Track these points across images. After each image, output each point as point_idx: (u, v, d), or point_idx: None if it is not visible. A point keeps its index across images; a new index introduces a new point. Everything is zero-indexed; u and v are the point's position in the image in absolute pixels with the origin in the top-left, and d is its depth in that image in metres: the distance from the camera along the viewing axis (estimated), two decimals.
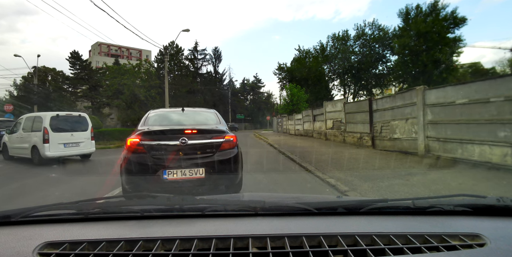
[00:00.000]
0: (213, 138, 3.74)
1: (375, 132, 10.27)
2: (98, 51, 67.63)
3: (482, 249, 0.77)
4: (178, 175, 3.53)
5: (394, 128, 9.01)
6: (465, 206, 1.03)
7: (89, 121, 9.46)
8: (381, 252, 0.77)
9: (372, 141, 10.34)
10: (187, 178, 3.54)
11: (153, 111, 4.85)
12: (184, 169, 3.54)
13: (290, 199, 1.24)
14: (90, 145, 9.33)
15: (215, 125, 4.18)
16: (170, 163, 3.54)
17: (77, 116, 9.33)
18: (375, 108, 10.33)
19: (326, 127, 15.57)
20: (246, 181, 4.91)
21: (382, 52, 36.29)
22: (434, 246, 0.80)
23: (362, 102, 11.90)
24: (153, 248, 0.80)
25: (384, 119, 9.71)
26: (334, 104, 15.00)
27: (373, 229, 0.90)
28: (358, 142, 11.48)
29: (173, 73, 44.87)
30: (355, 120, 11.92)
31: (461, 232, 0.86)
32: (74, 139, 8.83)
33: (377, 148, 9.95)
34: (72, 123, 9.01)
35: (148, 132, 3.72)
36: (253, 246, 0.81)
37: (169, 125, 4.23)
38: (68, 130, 8.77)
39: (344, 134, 12.94)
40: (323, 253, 0.77)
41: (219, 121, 4.49)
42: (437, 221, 0.98)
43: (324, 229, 0.90)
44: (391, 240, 0.83)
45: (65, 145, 8.61)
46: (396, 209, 1.05)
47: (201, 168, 3.58)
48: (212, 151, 3.71)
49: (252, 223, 0.98)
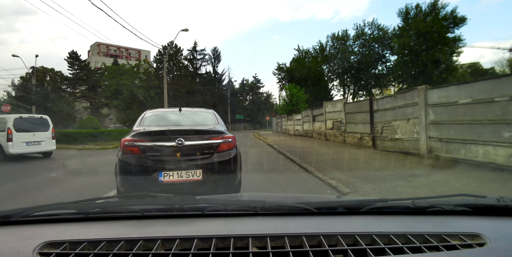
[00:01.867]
0: (211, 139, 3.64)
1: (375, 133, 10.16)
2: (97, 51, 67.42)
3: (482, 248, 0.77)
4: (174, 177, 3.42)
5: (396, 128, 8.92)
6: (465, 206, 1.03)
7: (50, 122, 10.62)
8: (381, 252, 0.77)
9: (373, 142, 10.26)
10: (184, 180, 3.44)
11: (149, 111, 4.75)
12: (180, 171, 3.44)
13: (290, 199, 1.24)
14: (50, 144, 10.50)
15: (213, 126, 4.09)
16: (166, 164, 3.44)
17: (39, 118, 10.50)
18: (375, 108, 10.23)
19: (326, 128, 15.46)
20: (245, 182, 4.90)
21: (382, 52, 36.24)
22: (434, 246, 0.80)
23: (362, 102, 11.78)
24: (153, 247, 0.80)
25: (385, 119, 9.60)
26: (334, 104, 14.88)
27: (373, 228, 0.90)
28: (358, 142, 11.36)
29: (172, 73, 44.72)
30: (356, 120, 11.81)
31: (461, 232, 0.86)
32: (35, 138, 9.99)
33: (378, 149, 9.83)
34: (34, 124, 10.17)
35: (144, 133, 3.62)
36: (253, 246, 0.81)
37: (167, 125, 4.12)
38: (30, 130, 9.88)
39: (344, 135, 12.83)
40: (323, 252, 0.77)
41: (217, 122, 4.40)
42: (437, 221, 0.99)
43: (324, 228, 0.90)
44: (391, 239, 0.83)
45: (27, 143, 9.77)
46: (396, 209, 1.05)
47: (199, 170, 3.48)
48: (210, 152, 3.60)
49: (252, 223, 0.98)
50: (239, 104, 54.98)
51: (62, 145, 15.04)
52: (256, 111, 56.66)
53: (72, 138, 16.32)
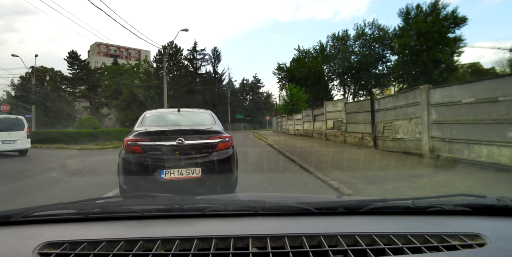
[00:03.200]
0: (209, 138, 3.85)
1: (377, 132, 10.09)
2: (97, 51, 67.30)
3: (482, 249, 0.77)
4: (175, 175, 3.60)
5: (397, 128, 8.85)
6: (465, 206, 1.03)
7: (25, 122, 11.53)
8: (381, 252, 0.77)
9: (374, 142, 10.21)
10: (184, 177, 3.62)
11: (149, 111, 4.91)
12: (181, 168, 3.62)
13: (290, 199, 1.25)
14: (26, 143, 11.37)
15: (211, 126, 4.30)
16: (167, 163, 3.62)
17: (14, 119, 11.48)
18: (377, 107, 10.16)
19: (327, 127, 15.40)
20: (245, 183, 4.89)
21: (382, 52, 36.27)
22: (434, 246, 0.80)
23: (363, 102, 11.65)
24: (153, 248, 0.80)
25: (386, 119, 9.51)
26: (335, 104, 14.75)
27: (373, 229, 0.90)
28: (359, 142, 11.29)
29: (172, 73, 44.56)
30: (357, 120, 11.72)
31: (461, 232, 0.86)
32: (11, 137, 10.89)
33: (379, 149, 9.74)
34: (9, 124, 11.02)
35: (146, 133, 3.79)
36: (253, 246, 0.81)
37: (166, 125, 4.31)
38: (6, 129, 10.77)
39: (345, 134, 12.75)
40: (323, 253, 0.77)
41: (214, 122, 4.60)
42: (437, 221, 0.99)
43: (324, 229, 0.90)
44: (391, 240, 0.83)
45: (3, 142, 10.69)
46: (396, 209, 1.05)
47: (198, 168, 3.67)
48: (208, 151, 3.81)
49: (252, 223, 0.98)
50: (239, 104, 54.89)
51: (60, 145, 15.07)
52: (256, 111, 56.57)
53: (72, 138, 16.33)
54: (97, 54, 66.67)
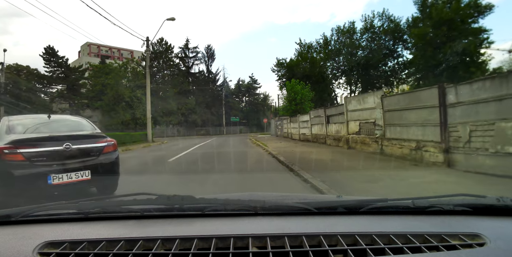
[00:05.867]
0: (96, 142, 4.11)
1: (452, 141, 6.35)
2: (88, 51, 63.96)
3: (482, 248, 0.77)
4: (64, 179, 3.67)
5: (506, 134, 5.19)
6: (465, 206, 1.03)
7: None
8: (381, 252, 0.77)
9: (447, 156, 6.44)
10: (73, 180, 3.74)
11: (10, 117, 4.54)
12: (70, 173, 3.72)
13: (290, 198, 1.24)
14: None
15: (94, 131, 4.56)
16: (54, 168, 3.64)
17: None
18: (452, 100, 6.32)
19: (349, 131, 11.77)
20: None
21: (393, 47, 32.79)
22: (434, 246, 0.80)
23: (422, 93, 7.53)
24: (153, 247, 0.80)
25: (477, 119, 5.76)
26: (362, 100, 10.75)
27: (373, 228, 0.90)
28: (411, 155, 7.51)
29: (162, 72, 41.58)
30: (406, 120, 7.95)
31: (461, 232, 0.86)
32: None
33: (459, 168, 6.05)
34: None
35: (26, 139, 3.68)
36: (253, 246, 0.81)
37: (45, 132, 4.12)
38: None
39: (383, 142, 8.99)
40: (323, 252, 0.77)
41: (94, 127, 4.78)
42: (437, 221, 0.99)
43: (324, 228, 0.90)
44: (391, 239, 0.83)
45: None
46: (396, 208, 1.05)
47: (87, 171, 3.86)
48: (96, 154, 4.05)
49: (252, 223, 0.98)
50: (235, 106, 51.68)
51: None
52: (252, 113, 53.43)
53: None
54: (88, 54, 63.05)
